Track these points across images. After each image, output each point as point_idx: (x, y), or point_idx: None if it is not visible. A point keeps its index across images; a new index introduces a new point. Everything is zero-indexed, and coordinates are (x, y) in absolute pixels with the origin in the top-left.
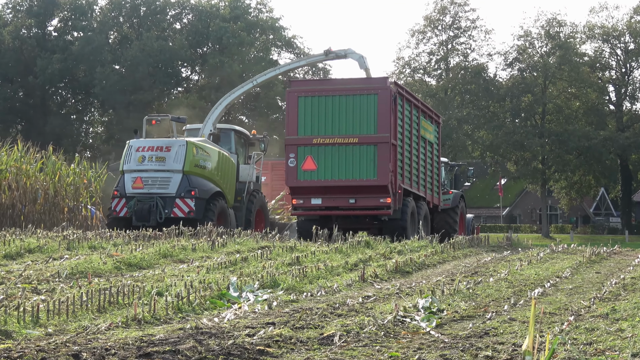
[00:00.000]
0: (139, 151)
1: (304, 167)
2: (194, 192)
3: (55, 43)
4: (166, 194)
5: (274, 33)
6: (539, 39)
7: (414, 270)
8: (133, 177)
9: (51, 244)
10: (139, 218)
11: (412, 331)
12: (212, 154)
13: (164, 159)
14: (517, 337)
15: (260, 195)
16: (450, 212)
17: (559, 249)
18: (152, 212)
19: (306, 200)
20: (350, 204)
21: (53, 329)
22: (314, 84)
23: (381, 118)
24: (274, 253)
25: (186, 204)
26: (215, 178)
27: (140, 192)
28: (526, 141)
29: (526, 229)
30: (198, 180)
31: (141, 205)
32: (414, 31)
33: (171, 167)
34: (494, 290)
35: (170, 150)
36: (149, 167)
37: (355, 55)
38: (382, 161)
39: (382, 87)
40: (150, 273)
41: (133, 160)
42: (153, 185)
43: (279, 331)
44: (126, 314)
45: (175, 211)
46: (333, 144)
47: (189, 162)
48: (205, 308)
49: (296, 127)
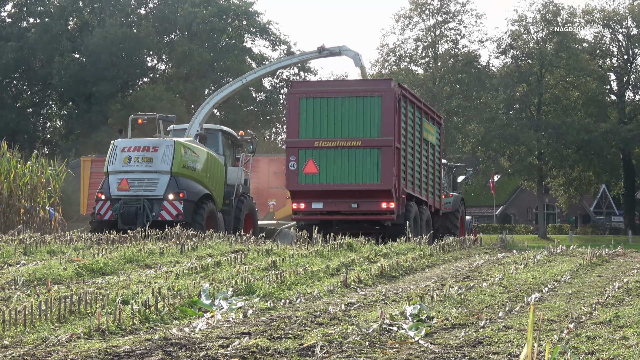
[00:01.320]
0: (125, 151)
1: (305, 171)
2: (182, 194)
3: (9, 30)
4: (153, 196)
5: (247, 18)
6: (534, 23)
7: (400, 274)
8: (118, 179)
9: (6, 248)
10: (125, 221)
11: (400, 341)
12: (201, 155)
13: (150, 159)
14: (513, 347)
15: (249, 198)
16: (451, 215)
17: (557, 251)
18: (138, 215)
19: (307, 205)
20: (352, 208)
21: (9, 341)
22: (315, 85)
23: (385, 121)
24: (249, 257)
25: (174, 206)
26: (204, 180)
27: (126, 194)
28: (521, 135)
29: (521, 230)
30: (186, 182)
31: (127, 207)
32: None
33: (158, 168)
34: (487, 296)
35: (158, 150)
36: (135, 168)
37: (350, 52)
38: (385, 165)
39: (386, 89)
40: (114, 279)
41: (118, 161)
42: (140, 187)
43: (255, 342)
44: (89, 324)
45: (162, 214)
46: (335, 147)
47: (177, 163)
48: (175, 317)
49: (297, 129)
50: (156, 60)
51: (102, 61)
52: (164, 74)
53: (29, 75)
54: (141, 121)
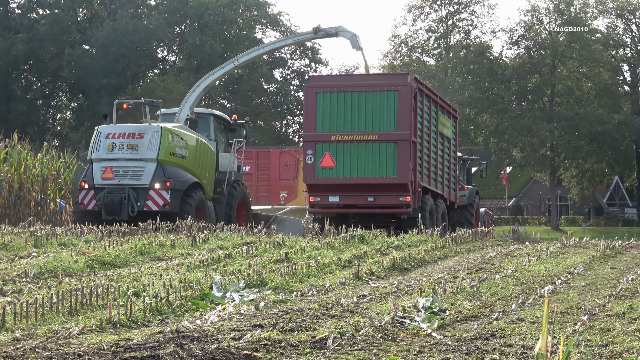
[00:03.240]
0: (109, 138)
1: (322, 164)
2: (169, 183)
3: (19, 22)
4: (139, 185)
5: (258, 10)
6: (547, 14)
7: (413, 266)
8: (102, 167)
9: (17, 241)
10: (109, 211)
11: (412, 333)
12: (190, 141)
13: (136, 146)
14: (526, 339)
15: (242, 186)
16: (466, 209)
17: (570, 243)
18: (123, 204)
19: (324, 198)
20: (368, 202)
21: (21, 334)
22: (332, 80)
23: (402, 115)
24: (261, 249)
25: (161, 196)
26: (192, 168)
27: (110, 183)
28: (534, 126)
29: (534, 221)
30: (174, 170)
31: (111, 197)
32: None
33: (144, 155)
34: (500, 288)
35: (144, 137)
36: (120, 155)
37: (347, 33)
38: (402, 159)
39: (402, 84)
40: (125, 272)
41: (102, 148)
42: (124, 175)
43: (267, 334)
44: (100, 317)
45: (149, 204)
46: (352, 141)
47: (164, 150)
48: (187, 309)
49: (314, 123)
50: (166, 51)
51: (113, 53)
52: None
53: (39, 67)
54: (126, 106)
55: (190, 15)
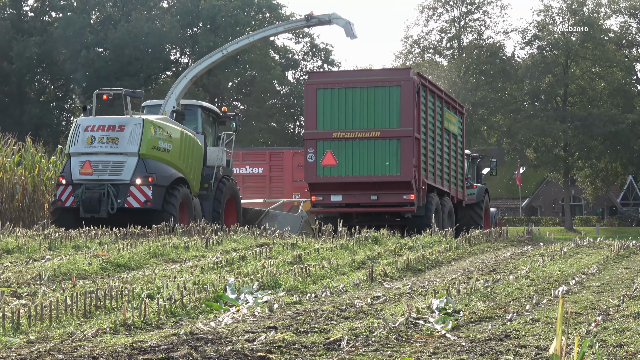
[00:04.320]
0: (88, 131)
1: (323, 163)
2: (151, 179)
3: (32, 25)
4: (119, 180)
5: (270, 11)
6: (560, 14)
7: (426, 267)
8: (81, 161)
9: (31, 243)
10: (87, 209)
11: (426, 334)
12: (174, 134)
13: (116, 139)
14: (541, 340)
15: (231, 181)
16: (475, 207)
17: (584, 243)
18: (102, 201)
19: (325, 197)
20: (371, 200)
21: (35, 336)
22: (333, 76)
23: (404, 111)
24: (274, 251)
25: (142, 192)
26: (177, 162)
27: (88, 179)
28: (547, 126)
29: (548, 222)
30: (156, 165)
31: (89, 193)
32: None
33: (125, 149)
34: (514, 289)
35: (124, 129)
36: (99, 149)
37: (341, 21)
38: (405, 156)
39: (405, 79)
40: (139, 274)
41: (81, 142)
42: (104, 170)
43: (281, 336)
44: (114, 319)
45: (129, 200)
46: (354, 139)
47: (146, 144)
48: (201, 311)
49: (315, 120)
50: (179, 53)
51: (126, 55)
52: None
53: (52, 69)
54: (106, 97)
55: (202, 17)
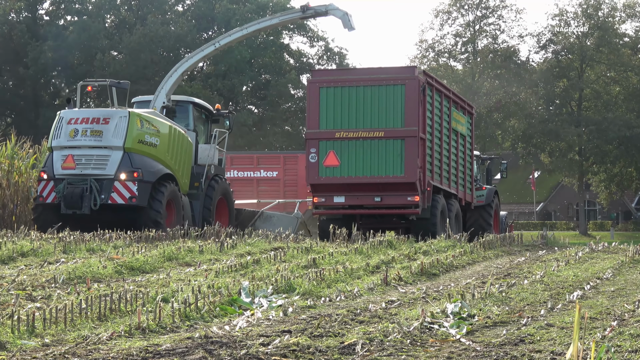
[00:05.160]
0: (71, 124)
1: (325, 163)
2: (137, 174)
3: (47, 29)
4: (103, 175)
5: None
6: (575, 18)
7: (441, 272)
8: (63, 155)
9: (46, 246)
10: (69, 205)
11: (441, 339)
12: (162, 129)
13: (100, 132)
14: (556, 345)
15: (222, 181)
16: (483, 209)
17: (599, 248)
18: (84, 197)
19: (328, 199)
20: (375, 202)
21: (50, 340)
22: (336, 74)
23: (409, 110)
24: (289, 255)
25: (127, 188)
26: (164, 158)
27: (71, 173)
28: (561, 130)
29: (562, 226)
30: (143, 160)
31: (71, 189)
32: (438, 11)
33: (109, 142)
34: (529, 294)
35: (109, 122)
36: (83, 142)
37: (339, 12)
38: (409, 156)
39: (409, 77)
40: (154, 277)
41: (64, 135)
42: (87, 164)
43: (296, 340)
44: (129, 322)
45: (113, 196)
46: (357, 138)
47: (132, 138)
48: (215, 315)
49: (317, 120)
50: None
51: (142, 59)
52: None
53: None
54: (91, 88)
55: (217, 20)
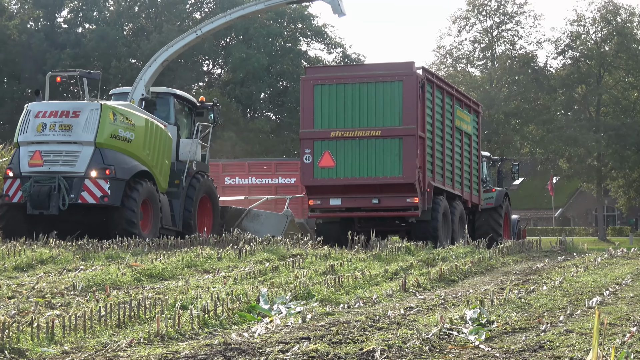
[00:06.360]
0: (39, 117)
1: (321, 164)
2: (109, 171)
3: (66, 38)
4: (72, 172)
5: (302, 22)
6: (593, 24)
7: (459, 278)
8: (30, 151)
9: (65, 254)
10: (35, 204)
11: (460, 345)
12: (137, 122)
13: (70, 127)
14: (575, 351)
15: (205, 178)
16: (493, 212)
17: (618, 254)
18: (52, 196)
19: (324, 201)
20: (373, 204)
21: (69, 347)
22: (331, 71)
23: (407, 108)
24: (307, 261)
25: (98, 186)
26: (140, 154)
27: (38, 171)
28: (580, 136)
29: (581, 232)
30: (116, 156)
31: (38, 187)
32: (456, 17)
33: (79, 137)
34: (548, 300)
35: (79, 115)
36: (51, 137)
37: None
38: (408, 156)
39: (407, 73)
40: (173, 284)
41: (31, 129)
42: (56, 161)
43: (315, 346)
44: (148, 330)
45: (83, 195)
46: (353, 138)
47: (104, 132)
48: (234, 322)
49: (312, 119)
50: (212, 64)
51: None
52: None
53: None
54: (60, 79)
55: (235, 28)
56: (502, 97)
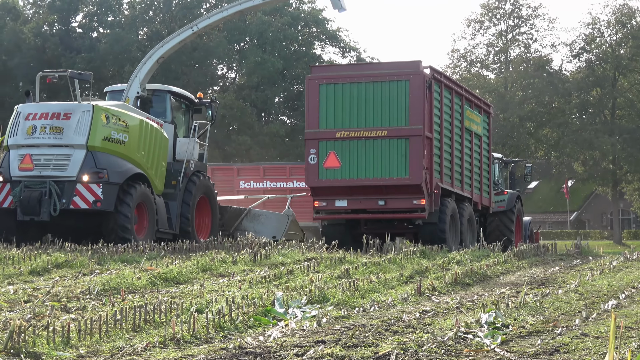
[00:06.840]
0: (29, 119)
1: (326, 165)
2: (102, 175)
3: (81, 42)
4: (64, 177)
5: (317, 26)
6: (608, 27)
7: (474, 282)
8: (20, 155)
9: (80, 258)
10: (25, 210)
11: (475, 349)
12: (131, 123)
13: (61, 129)
14: (591, 354)
15: (203, 178)
16: (504, 215)
17: (634, 257)
18: (43, 201)
19: (329, 203)
20: (379, 206)
21: (85, 351)
22: (337, 70)
23: (413, 107)
24: (322, 265)
25: (91, 190)
26: (134, 156)
27: (28, 175)
28: (595, 139)
29: (596, 235)
30: (109, 159)
31: (29, 192)
32: (470, 21)
33: (71, 140)
34: (563, 303)
35: (71, 118)
36: (42, 140)
37: None
38: (414, 157)
39: (414, 73)
40: (188, 288)
41: (21, 132)
42: (46, 165)
43: (330, 350)
44: (164, 333)
45: (75, 200)
46: (359, 138)
47: (96, 135)
48: (249, 326)
49: (317, 119)
50: (226, 68)
51: (172, 70)
52: (235, 82)
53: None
54: (50, 80)
55: (250, 32)
56: (517, 100)
